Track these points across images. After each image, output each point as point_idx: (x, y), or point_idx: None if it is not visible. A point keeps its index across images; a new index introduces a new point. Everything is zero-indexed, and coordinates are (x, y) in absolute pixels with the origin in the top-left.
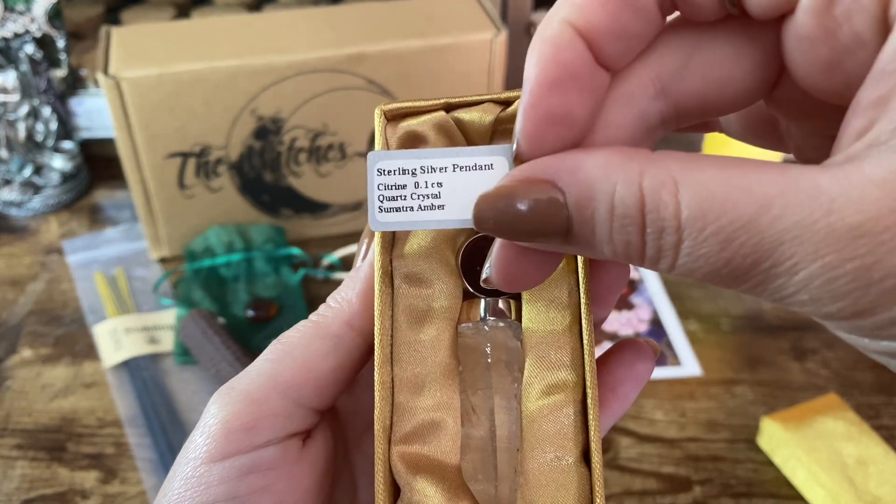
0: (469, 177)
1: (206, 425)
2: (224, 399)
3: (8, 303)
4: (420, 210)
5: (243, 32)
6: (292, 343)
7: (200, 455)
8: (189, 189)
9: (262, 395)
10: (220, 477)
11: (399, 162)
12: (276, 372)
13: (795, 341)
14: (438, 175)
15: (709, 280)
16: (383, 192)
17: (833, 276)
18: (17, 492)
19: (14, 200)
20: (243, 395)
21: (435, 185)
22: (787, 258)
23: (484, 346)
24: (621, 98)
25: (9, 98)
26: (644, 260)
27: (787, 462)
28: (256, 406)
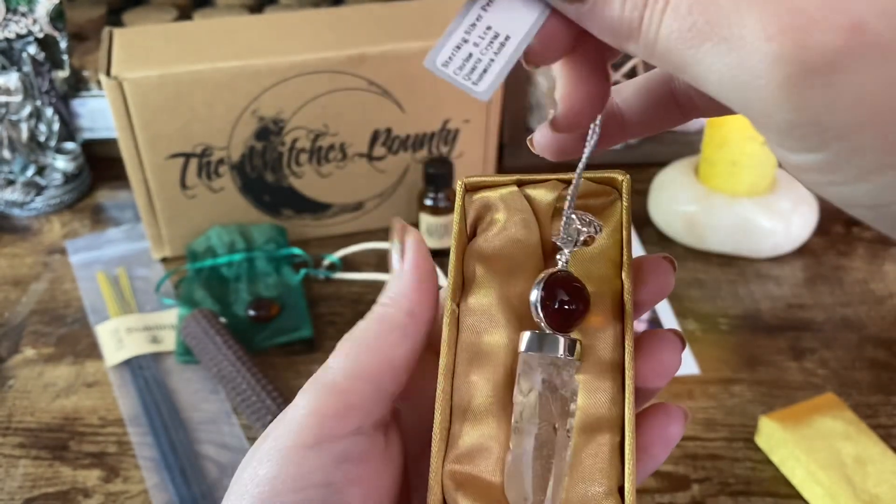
0: (501, 5)
1: (296, 414)
2: (311, 391)
3: (10, 302)
4: (497, 53)
5: (245, 34)
6: (365, 337)
7: (294, 440)
8: (191, 189)
9: (349, 385)
10: (318, 463)
11: (448, 45)
12: (358, 362)
13: (793, 341)
14: (480, 24)
15: (679, 58)
16: (462, 73)
17: (770, 50)
18: (20, 490)
19: (17, 201)
20: (330, 386)
21: (486, 30)
22: (738, 23)
23: (547, 378)
24: None
25: (11, 99)
26: (640, 24)
27: (786, 461)
28: (345, 395)
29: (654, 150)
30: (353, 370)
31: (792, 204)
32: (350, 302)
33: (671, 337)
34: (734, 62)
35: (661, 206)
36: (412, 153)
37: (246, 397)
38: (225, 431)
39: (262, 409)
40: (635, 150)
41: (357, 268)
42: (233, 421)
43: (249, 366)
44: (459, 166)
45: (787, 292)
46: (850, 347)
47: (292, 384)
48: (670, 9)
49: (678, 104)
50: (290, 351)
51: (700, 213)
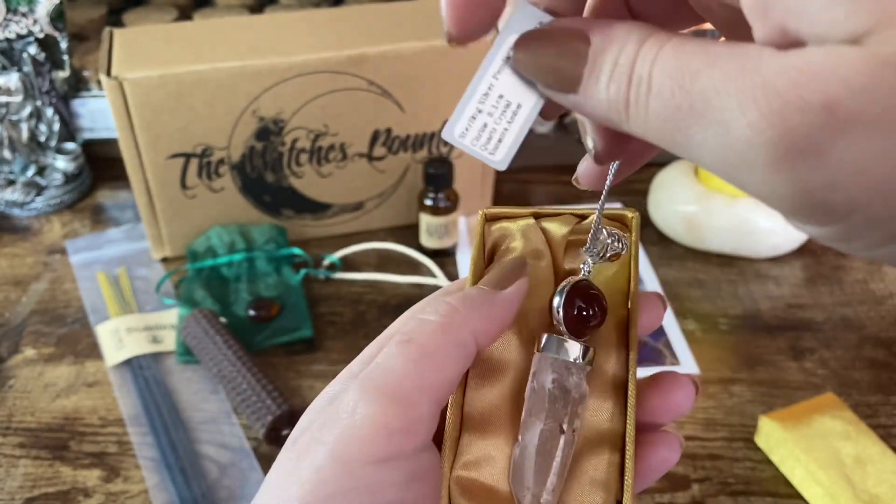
0: (509, 74)
1: (360, 424)
2: (373, 398)
3: (11, 302)
4: (511, 122)
5: (245, 34)
6: (429, 346)
7: (364, 455)
8: (191, 189)
9: (414, 399)
10: (389, 480)
11: (464, 116)
12: (421, 374)
13: (793, 341)
14: (492, 93)
15: (671, 139)
16: (479, 143)
17: (750, 132)
18: (21, 490)
19: (17, 201)
20: (394, 397)
21: (498, 99)
22: (719, 108)
23: (558, 378)
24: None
25: (12, 99)
26: (628, 109)
27: (785, 461)
28: (410, 409)
29: None
30: (420, 384)
31: None
32: (350, 302)
33: (687, 381)
34: (723, 145)
35: (661, 207)
36: (412, 153)
37: (246, 397)
38: (225, 431)
39: (262, 408)
40: None
41: (357, 268)
42: (233, 421)
43: (250, 366)
44: (459, 166)
45: (787, 292)
46: (849, 347)
47: (292, 384)
48: (654, 92)
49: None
50: (290, 351)
51: (700, 213)
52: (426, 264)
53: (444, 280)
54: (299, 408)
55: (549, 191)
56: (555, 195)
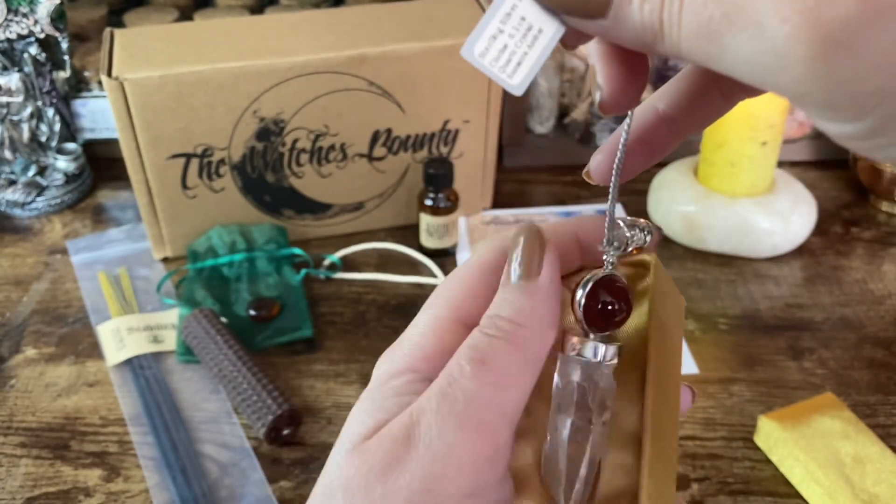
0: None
1: (444, 451)
2: (458, 427)
3: (12, 302)
4: (531, 46)
5: (245, 34)
6: (499, 368)
7: (451, 488)
8: (192, 190)
9: (497, 424)
10: (498, 497)
11: (485, 35)
12: (506, 400)
13: (792, 341)
14: (514, 14)
15: (704, 52)
16: (498, 64)
17: (786, 33)
18: (21, 490)
19: (18, 201)
20: (480, 426)
21: (520, 21)
22: (753, 11)
23: (585, 376)
24: None
25: (12, 99)
26: (661, 27)
27: (785, 460)
28: (495, 436)
29: None
30: (497, 409)
31: (791, 204)
32: (350, 302)
33: (684, 390)
34: (758, 48)
35: (661, 207)
36: (412, 153)
37: (247, 397)
38: (226, 431)
39: (262, 408)
40: None
41: (357, 268)
42: (233, 420)
43: (250, 365)
44: (459, 166)
45: (786, 292)
46: (848, 347)
47: (293, 384)
48: (686, 6)
49: (720, 90)
50: (290, 350)
51: (699, 213)
52: (426, 264)
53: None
54: (299, 407)
55: (549, 191)
56: (555, 195)
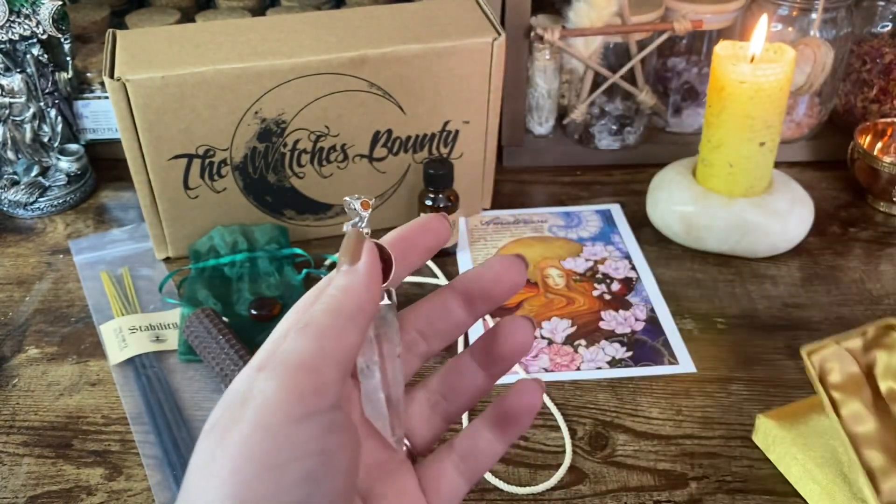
0: None
1: (270, 395)
2: (280, 372)
3: (15, 302)
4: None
5: (247, 36)
6: (325, 325)
7: (281, 416)
8: (193, 190)
9: (318, 366)
10: (310, 433)
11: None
12: (324, 349)
13: (790, 340)
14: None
15: None
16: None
17: None
18: (24, 488)
19: (21, 201)
20: (301, 367)
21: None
22: None
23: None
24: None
25: (15, 100)
26: None
27: (782, 459)
28: (317, 374)
29: (652, 150)
30: (320, 355)
31: (788, 204)
32: None
33: (524, 322)
34: None
35: (659, 207)
36: (413, 154)
37: None
38: None
39: None
40: (633, 150)
41: None
42: None
43: None
44: (459, 167)
45: (784, 292)
46: None
47: None
48: None
49: None
50: None
51: (697, 213)
52: (426, 264)
53: (444, 280)
54: None
55: (549, 191)
56: (554, 195)
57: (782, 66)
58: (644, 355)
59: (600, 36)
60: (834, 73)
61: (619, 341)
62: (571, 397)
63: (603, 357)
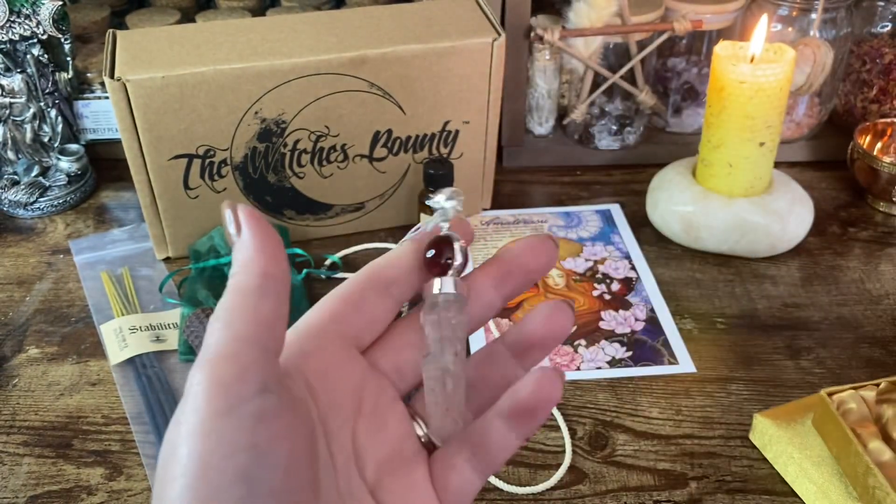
0: None
1: (195, 391)
2: (201, 368)
3: (15, 302)
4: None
5: (247, 36)
6: (230, 308)
7: (205, 413)
8: (194, 190)
9: (235, 350)
10: (236, 427)
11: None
12: (234, 330)
13: (790, 340)
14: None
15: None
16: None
17: None
18: (24, 488)
19: (21, 201)
20: (220, 356)
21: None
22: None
23: (436, 314)
24: None
25: (15, 100)
26: None
27: (779, 458)
28: (235, 359)
29: (652, 151)
30: (232, 337)
31: (788, 204)
32: None
33: (563, 305)
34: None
35: (659, 207)
36: (413, 154)
37: None
38: None
39: None
40: (633, 150)
41: (358, 268)
42: None
43: None
44: (459, 167)
45: (784, 292)
46: (845, 346)
47: None
48: None
49: None
50: None
51: (697, 213)
52: None
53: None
54: None
55: (549, 191)
56: (554, 195)
57: (782, 67)
58: (644, 355)
59: (600, 36)
60: (834, 74)
61: (618, 341)
62: (571, 397)
63: (603, 357)
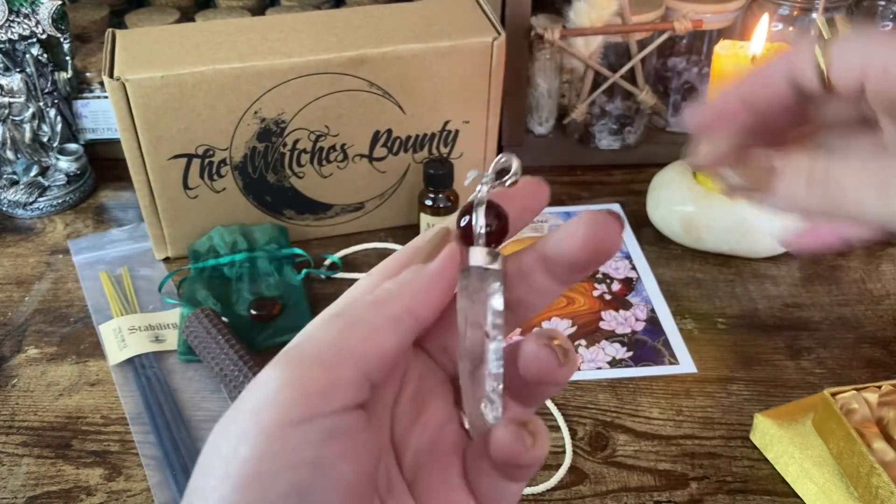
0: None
1: (276, 389)
2: (291, 364)
3: (14, 302)
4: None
5: (246, 35)
6: (357, 318)
7: (278, 417)
8: (193, 190)
9: (334, 362)
10: (305, 439)
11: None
12: (343, 342)
13: (791, 340)
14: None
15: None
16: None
17: None
18: (23, 489)
19: (20, 201)
20: (314, 361)
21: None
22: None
23: (471, 290)
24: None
25: (14, 100)
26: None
27: (780, 458)
28: (331, 372)
29: (653, 150)
30: (339, 350)
31: None
32: None
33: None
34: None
35: (660, 207)
36: (413, 154)
37: None
38: None
39: None
40: (634, 150)
41: (358, 268)
42: None
43: (251, 365)
44: (459, 167)
45: (785, 292)
46: (846, 347)
47: None
48: (845, 189)
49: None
50: None
51: (698, 213)
52: None
53: None
54: None
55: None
56: (554, 195)
57: None
58: (644, 355)
59: (600, 35)
60: None
61: (619, 341)
62: (571, 397)
63: (603, 357)
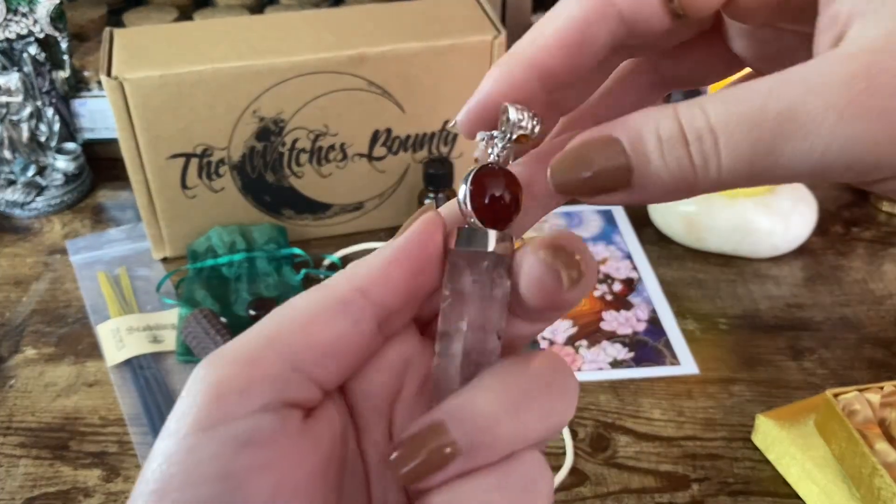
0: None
1: (191, 392)
2: (213, 363)
3: (11, 302)
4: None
5: (245, 34)
6: (294, 305)
7: (186, 424)
8: (191, 189)
9: (256, 356)
10: (212, 450)
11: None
12: (273, 332)
13: (792, 340)
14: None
15: (753, 171)
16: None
17: (845, 114)
18: (21, 490)
19: (17, 201)
20: (233, 357)
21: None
22: (806, 114)
23: (477, 278)
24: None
25: (12, 99)
26: (695, 170)
27: (781, 459)
28: (249, 367)
29: None
30: (266, 340)
31: (791, 204)
32: None
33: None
34: (820, 143)
35: (661, 207)
36: (412, 153)
37: None
38: None
39: None
40: None
41: None
42: None
43: None
44: (459, 166)
45: (786, 292)
46: (848, 347)
47: None
48: (724, 137)
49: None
50: None
51: (699, 213)
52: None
53: None
54: None
55: None
56: None
57: None
58: (645, 356)
59: None
60: None
61: (620, 342)
62: None
63: (604, 358)
